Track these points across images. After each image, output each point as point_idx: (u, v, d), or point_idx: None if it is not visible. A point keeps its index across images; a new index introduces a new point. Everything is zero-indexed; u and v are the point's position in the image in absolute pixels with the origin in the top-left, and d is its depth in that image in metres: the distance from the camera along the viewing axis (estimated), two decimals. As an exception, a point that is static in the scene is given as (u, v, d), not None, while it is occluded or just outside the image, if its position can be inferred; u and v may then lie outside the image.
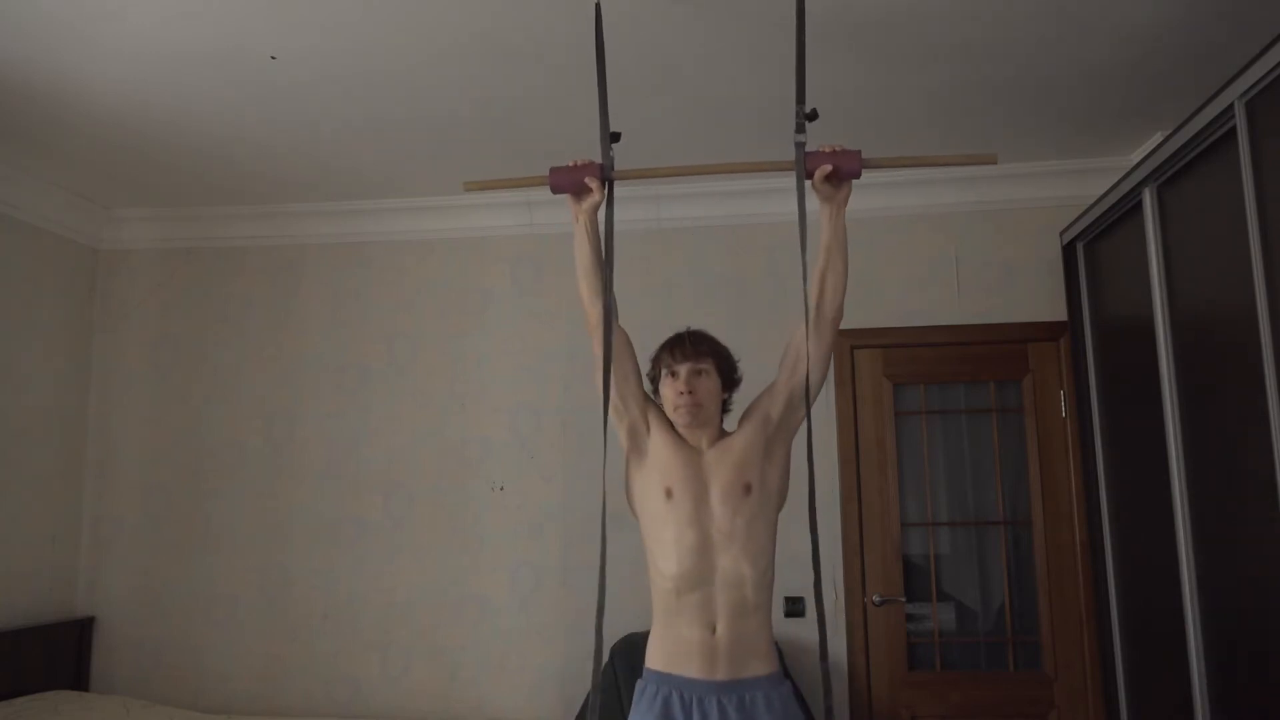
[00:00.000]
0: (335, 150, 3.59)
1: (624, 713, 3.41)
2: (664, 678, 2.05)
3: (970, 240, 3.85)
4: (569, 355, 3.95)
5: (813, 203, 2.15)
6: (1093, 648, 3.55)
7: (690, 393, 2.14)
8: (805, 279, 2.07)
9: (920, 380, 3.86)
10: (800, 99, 2.14)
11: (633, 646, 3.56)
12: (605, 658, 3.55)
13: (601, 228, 2.19)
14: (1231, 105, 2.29)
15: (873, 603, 3.70)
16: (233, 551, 4.09)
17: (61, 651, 3.95)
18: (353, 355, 4.15)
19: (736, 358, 2.30)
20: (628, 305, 2.35)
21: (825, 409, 3.80)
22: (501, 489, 3.97)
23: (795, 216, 2.12)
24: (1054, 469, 3.69)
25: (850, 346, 3.84)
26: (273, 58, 2.86)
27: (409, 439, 4.06)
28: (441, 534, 3.98)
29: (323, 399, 4.14)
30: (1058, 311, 3.73)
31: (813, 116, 2.12)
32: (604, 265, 2.15)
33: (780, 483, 2.17)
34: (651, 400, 2.24)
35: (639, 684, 2.10)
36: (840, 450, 3.79)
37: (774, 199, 3.81)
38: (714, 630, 2.03)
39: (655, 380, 2.24)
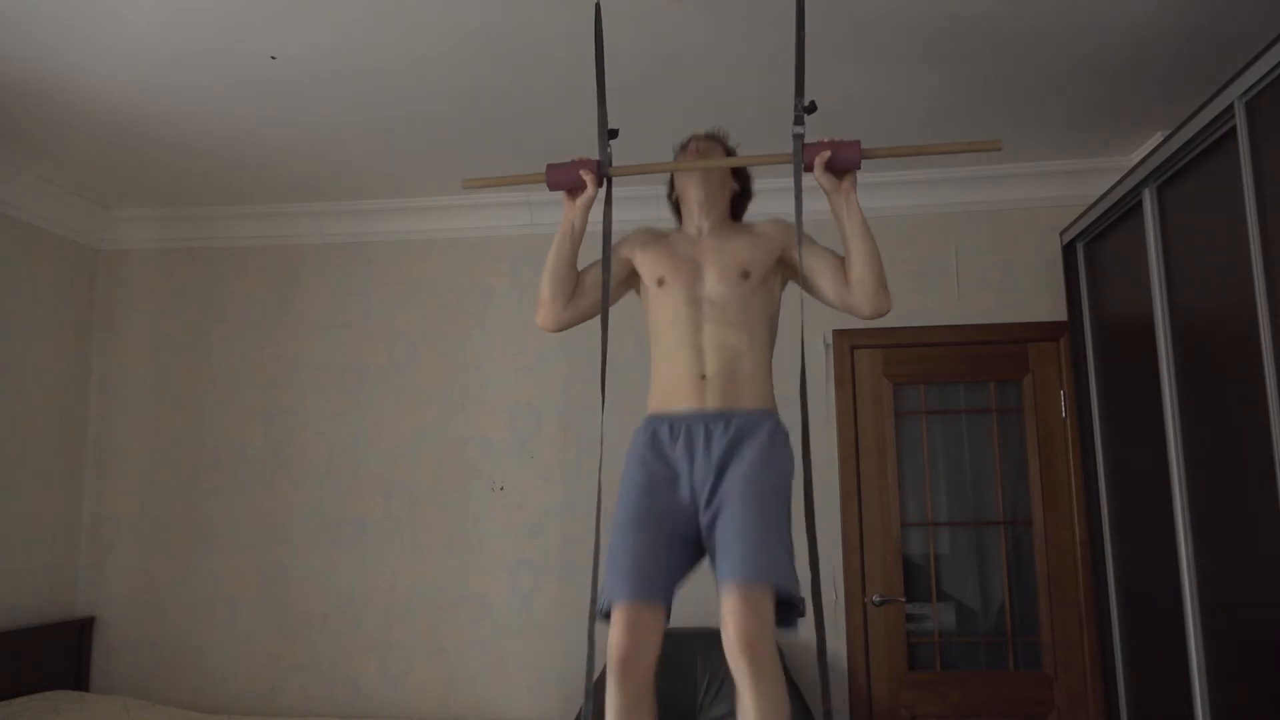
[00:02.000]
0: (335, 150, 3.59)
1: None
2: (653, 417, 2.08)
3: (970, 240, 3.85)
4: (569, 355, 3.95)
5: (824, 203, 2.15)
6: (1093, 648, 3.55)
7: (700, 152, 2.24)
8: (800, 263, 2.12)
9: (920, 380, 3.86)
10: (799, 91, 2.13)
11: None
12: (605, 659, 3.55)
13: (599, 227, 2.19)
14: (1231, 105, 2.29)
15: (873, 603, 3.70)
16: (233, 551, 4.09)
17: (61, 651, 3.95)
18: (353, 355, 4.15)
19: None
20: (628, 304, 2.35)
21: (825, 409, 3.80)
22: (501, 489, 3.97)
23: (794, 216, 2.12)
24: (1054, 469, 3.69)
25: (850, 346, 3.84)
26: (273, 58, 2.86)
27: (409, 439, 4.06)
28: (441, 534, 3.98)
29: (323, 399, 4.14)
30: (1058, 311, 3.73)
31: (811, 109, 2.10)
32: (604, 267, 2.16)
33: (774, 296, 2.20)
34: (635, 250, 2.25)
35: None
36: (840, 450, 3.78)
37: (775, 198, 3.79)
38: (703, 376, 2.04)
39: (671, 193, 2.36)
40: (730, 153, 2.31)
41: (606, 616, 1.88)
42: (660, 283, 2.13)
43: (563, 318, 2.20)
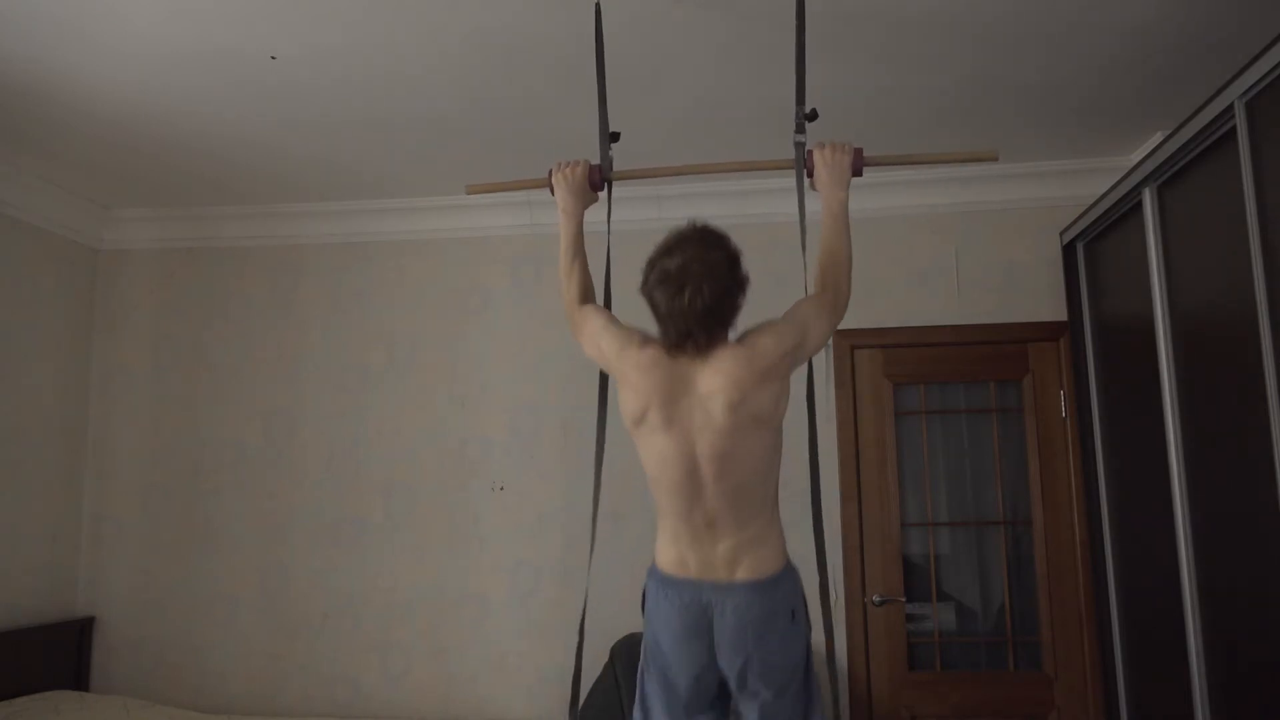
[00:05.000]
0: (335, 150, 3.59)
1: (624, 713, 3.41)
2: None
3: (970, 240, 3.85)
4: (569, 355, 3.94)
5: (815, 204, 2.15)
6: (1093, 648, 3.55)
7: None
8: (806, 277, 2.08)
9: (920, 380, 3.86)
10: (800, 99, 2.15)
11: (633, 646, 3.56)
12: (605, 658, 3.55)
13: (598, 228, 2.20)
14: (1231, 105, 2.29)
15: (873, 603, 3.70)
16: (233, 551, 4.09)
17: (61, 651, 3.95)
18: (353, 355, 4.15)
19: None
20: (629, 305, 2.35)
21: (825, 409, 3.80)
22: (501, 489, 3.97)
23: (795, 216, 2.13)
24: (1054, 469, 3.69)
25: (850, 346, 3.84)
26: (273, 58, 2.86)
27: (409, 439, 4.06)
28: (441, 534, 3.98)
29: (323, 399, 4.14)
30: (1058, 311, 3.73)
31: (812, 116, 2.13)
32: (605, 268, 2.16)
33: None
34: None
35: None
36: (840, 450, 3.78)
37: (774, 199, 3.81)
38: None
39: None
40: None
41: None
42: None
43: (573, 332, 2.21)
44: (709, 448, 1.87)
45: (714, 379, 1.87)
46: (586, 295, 2.18)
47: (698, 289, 1.83)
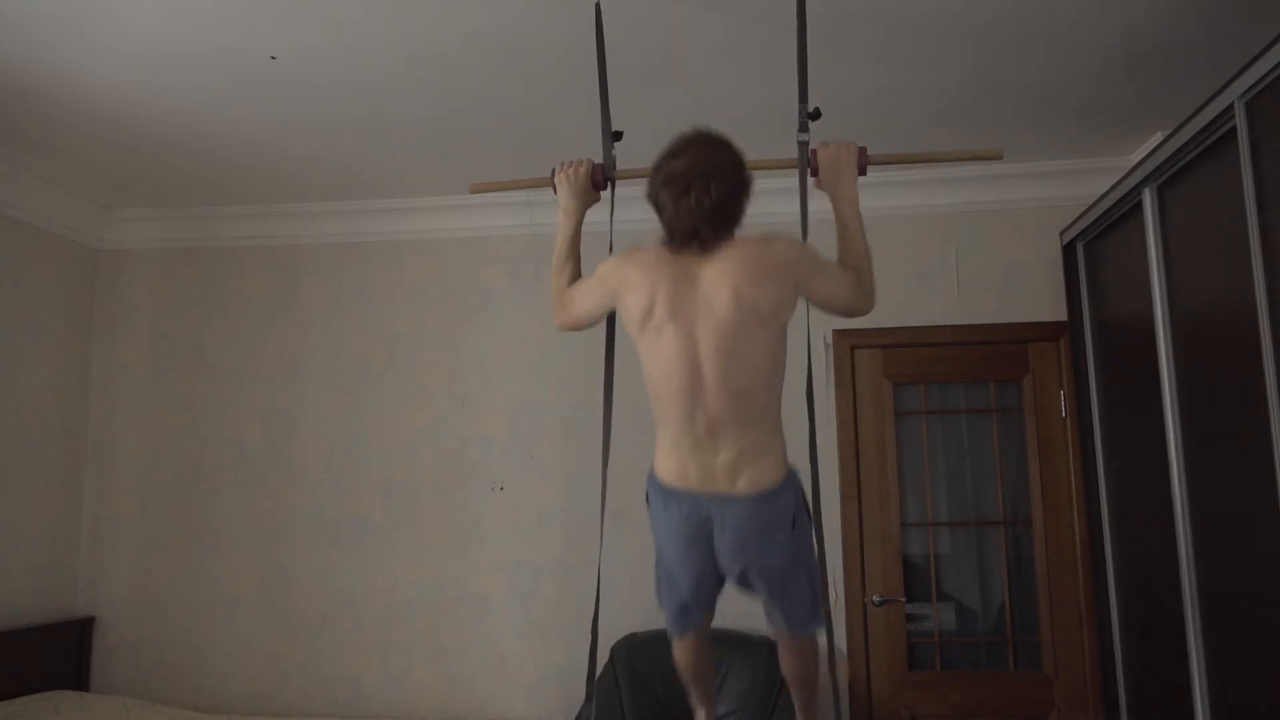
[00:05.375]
0: (335, 150, 3.59)
1: (624, 713, 3.42)
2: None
3: (970, 240, 3.85)
4: (569, 355, 3.95)
5: (818, 203, 2.15)
6: (1093, 648, 3.55)
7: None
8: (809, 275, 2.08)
9: (920, 380, 3.86)
10: (802, 98, 2.15)
11: (633, 646, 3.56)
12: (605, 658, 3.56)
13: (601, 227, 2.20)
14: (1231, 105, 2.29)
15: (873, 603, 3.70)
16: (233, 551, 4.09)
17: (61, 651, 3.95)
18: (353, 355, 4.15)
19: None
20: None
21: (825, 409, 3.80)
22: (501, 489, 3.97)
23: (797, 215, 2.12)
24: (1054, 469, 3.69)
25: (850, 346, 3.84)
26: (273, 58, 2.86)
27: (409, 439, 4.06)
28: (441, 534, 3.98)
29: (323, 399, 4.14)
30: (1058, 311, 3.73)
31: (815, 115, 2.13)
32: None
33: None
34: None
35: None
36: (840, 450, 3.78)
37: (776, 198, 3.79)
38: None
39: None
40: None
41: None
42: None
43: (563, 324, 2.20)
44: (712, 343, 1.87)
45: (719, 272, 1.89)
46: None
47: (705, 188, 1.85)
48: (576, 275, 2.18)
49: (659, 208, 1.93)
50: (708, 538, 1.93)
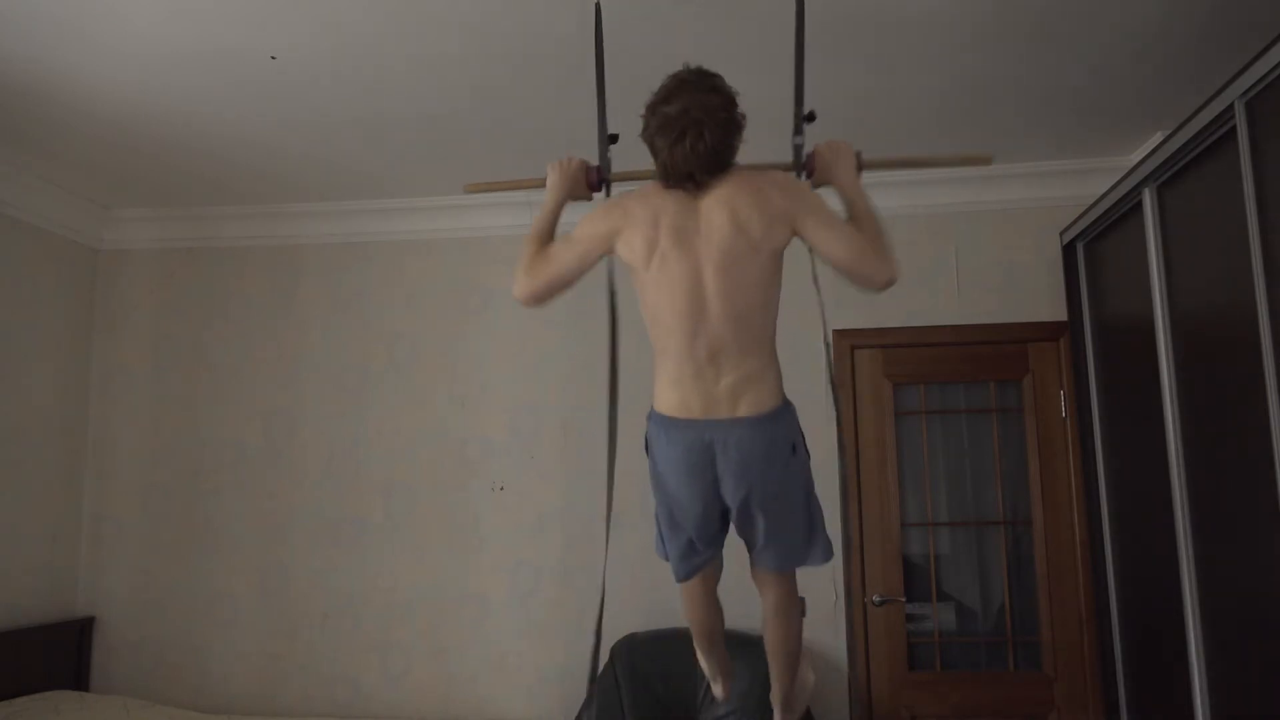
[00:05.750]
0: (335, 150, 3.59)
1: (624, 713, 3.42)
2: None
3: (970, 240, 3.85)
4: (569, 355, 3.95)
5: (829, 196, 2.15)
6: (1093, 648, 3.55)
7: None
8: (816, 280, 2.09)
9: (920, 380, 3.86)
10: (799, 100, 2.16)
11: (633, 646, 3.56)
12: (605, 658, 3.56)
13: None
14: (1231, 105, 2.29)
15: (873, 603, 3.70)
16: (233, 551, 4.09)
17: (61, 651, 3.95)
18: (353, 355, 4.15)
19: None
20: (629, 304, 2.34)
21: (825, 408, 3.79)
22: (501, 489, 3.97)
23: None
24: (1054, 469, 3.69)
25: (850, 346, 3.84)
26: (273, 58, 2.86)
27: (409, 439, 4.06)
28: (441, 534, 3.98)
29: (323, 399, 4.14)
30: (1058, 311, 3.73)
31: (811, 118, 2.14)
32: (608, 278, 2.17)
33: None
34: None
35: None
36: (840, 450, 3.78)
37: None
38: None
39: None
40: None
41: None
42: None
43: (533, 287, 2.18)
44: (713, 265, 1.92)
45: (717, 198, 1.95)
46: None
47: (699, 134, 1.90)
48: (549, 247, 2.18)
49: (654, 151, 1.98)
50: (711, 463, 1.96)
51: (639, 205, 2.01)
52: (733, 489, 1.97)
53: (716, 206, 1.94)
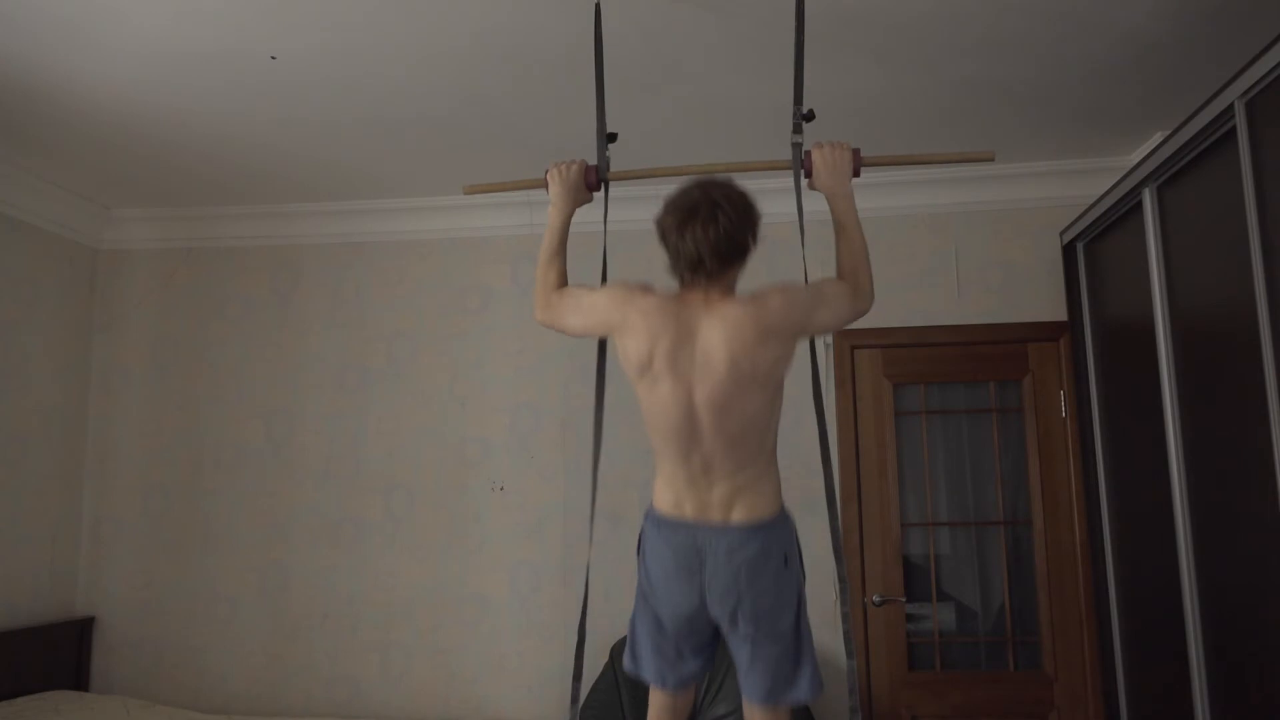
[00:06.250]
0: (335, 150, 3.59)
1: (624, 713, 3.42)
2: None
3: (970, 240, 3.85)
4: (569, 355, 3.95)
5: (815, 204, 2.15)
6: (1093, 648, 3.55)
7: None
8: (805, 278, 2.08)
9: (920, 380, 3.86)
10: (798, 99, 2.16)
11: (633, 646, 3.56)
12: (605, 658, 3.56)
13: (595, 228, 2.20)
14: (1231, 105, 2.29)
15: (873, 603, 3.70)
16: (233, 551, 4.09)
17: (61, 651, 3.95)
18: (353, 355, 4.15)
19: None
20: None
21: (825, 408, 3.80)
22: (501, 489, 3.97)
23: (794, 216, 2.13)
24: (1054, 469, 3.69)
25: (850, 346, 3.84)
26: (273, 58, 2.86)
27: (409, 439, 4.06)
28: (441, 534, 3.98)
29: (323, 399, 4.14)
30: (1058, 311, 3.73)
31: (810, 117, 2.14)
32: (603, 273, 2.16)
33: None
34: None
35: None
36: (840, 450, 3.78)
37: (774, 199, 3.77)
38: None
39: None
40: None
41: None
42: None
43: (547, 322, 2.15)
44: (707, 397, 1.88)
45: (717, 330, 1.88)
46: (563, 284, 2.15)
47: (712, 216, 1.85)
48: (563, 271, 2.15)
49: (664, 233, 1.91)
50: (699, 569, 1.93)
51: (639, 319, 1.93)
52: (721, 597, 1.92)
53: (717, 342, 1.87)
